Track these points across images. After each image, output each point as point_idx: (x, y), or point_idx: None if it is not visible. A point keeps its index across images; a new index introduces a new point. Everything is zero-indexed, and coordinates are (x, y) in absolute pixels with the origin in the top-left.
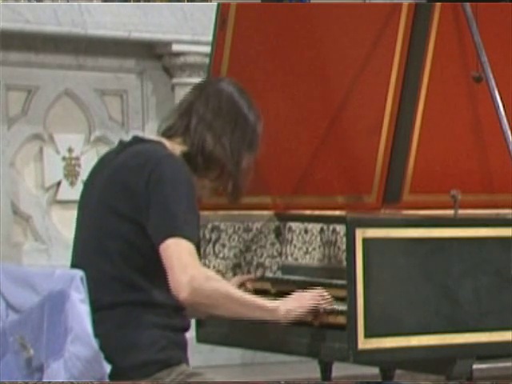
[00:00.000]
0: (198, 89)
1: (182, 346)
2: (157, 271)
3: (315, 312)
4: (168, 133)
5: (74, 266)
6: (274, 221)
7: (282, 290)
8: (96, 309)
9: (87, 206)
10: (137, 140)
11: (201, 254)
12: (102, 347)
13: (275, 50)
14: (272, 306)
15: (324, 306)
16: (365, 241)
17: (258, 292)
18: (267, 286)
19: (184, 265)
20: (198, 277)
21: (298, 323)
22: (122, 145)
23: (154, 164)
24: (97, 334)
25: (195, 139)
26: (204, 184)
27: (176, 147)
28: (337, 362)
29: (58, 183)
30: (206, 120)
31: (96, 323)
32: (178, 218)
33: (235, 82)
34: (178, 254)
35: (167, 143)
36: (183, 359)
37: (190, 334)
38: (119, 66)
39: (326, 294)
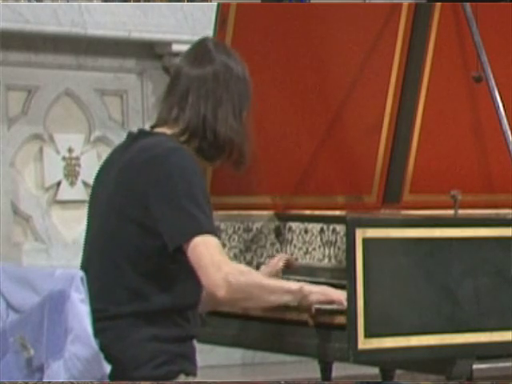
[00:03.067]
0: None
1: (188, 355)
2: (163, 276)
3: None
4: (164, 120)
5: (82, 270)
6: (274, 221)
7: None
8: (99, 319)
9: (96, 208)
10: (143, 134)
11: None
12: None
13: (275, 50)
14: (297, 287)
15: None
16: (365, 241)
17: None
18: None
19: (217, 263)
20: (232, 273)
21: (299, 323)
22: (129, 139)
23: (161, 160)
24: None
25: (200, 131)
26: (215, 164)
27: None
28: (337, 362)
29: (58, 183)
30: (205, 100)
31: (97, 333)
32: (197, 215)
33: (215, 41)
34: (208, 252)
35: (170, 133)
36: (186, 370)
37: None
38: (119, 66)
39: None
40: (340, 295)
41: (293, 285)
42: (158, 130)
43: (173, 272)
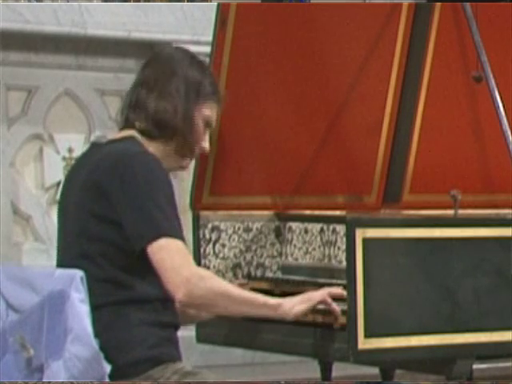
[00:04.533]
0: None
1: (174, 341)
2: (142, 267)
3: (328, 311)
4: (127, 121)
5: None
6: (274, 221)
7: (282, 290)
8: None
9: (66, 210)
10: (109, 141)
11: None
12: None
13: (275, 50)
14: (275, 302)
15: (333, 305)
16: (365, 241)
17: (258, 292)
18: (267, 286)
19: (177, 266)
20: (191, 277)
21: (299, 323)
22: (96, 146)
23: (127, 162)
24: None
25: (142, 112)
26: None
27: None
28: (337, 362)
29: (58, 183)
30: (148, 87)
31: None
32: (159, 217)
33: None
34: (169, 256)
35: (138, 135)
36: (177, 356)
37: (190, 334)
38: (119, 66)
39: (340, 291)
40: (323, 293)
41: (271, 299)
42: (127, 132)
43: (148, 262)
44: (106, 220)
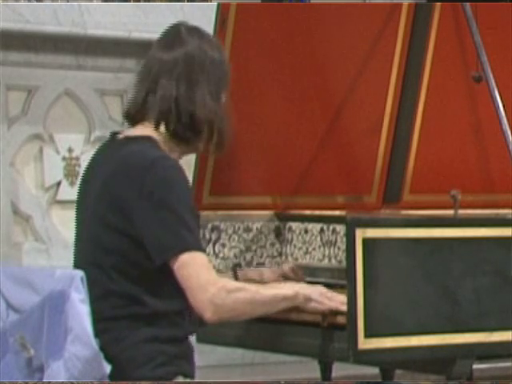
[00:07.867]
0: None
1: (185, 356)
2: (156, 282)
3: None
4: (139, 114)
5: None
6: (274, 221)
7: None
8: (96, 320)
9: (83, 217)
10: (126, 138)
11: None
12: None
13: (275, 50)
14: (293, 292)
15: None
16: (365, 241)
17: None
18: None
19: (203, 283)
20: (218, 293)
21: (299, 323)
22: (113, 142)
23: (144, 172)
24: None
25: (173, 113)
26: (198, 147)
27: (156, 132)
28: (337, 362)
29: (58, 183)
30: (177, 82)
31: (96, 334)
32: (181, 230)
33: (189, 25)
34: (195, 272)
35: (155, 133)
36: (184, 372)
37: None
38: (119, 66)
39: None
40: (335, 303)
41: (288, 290)
42: (140, 128)
43: (162, 276)
44: (122, 233)
